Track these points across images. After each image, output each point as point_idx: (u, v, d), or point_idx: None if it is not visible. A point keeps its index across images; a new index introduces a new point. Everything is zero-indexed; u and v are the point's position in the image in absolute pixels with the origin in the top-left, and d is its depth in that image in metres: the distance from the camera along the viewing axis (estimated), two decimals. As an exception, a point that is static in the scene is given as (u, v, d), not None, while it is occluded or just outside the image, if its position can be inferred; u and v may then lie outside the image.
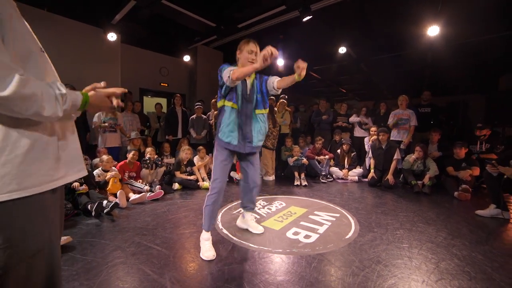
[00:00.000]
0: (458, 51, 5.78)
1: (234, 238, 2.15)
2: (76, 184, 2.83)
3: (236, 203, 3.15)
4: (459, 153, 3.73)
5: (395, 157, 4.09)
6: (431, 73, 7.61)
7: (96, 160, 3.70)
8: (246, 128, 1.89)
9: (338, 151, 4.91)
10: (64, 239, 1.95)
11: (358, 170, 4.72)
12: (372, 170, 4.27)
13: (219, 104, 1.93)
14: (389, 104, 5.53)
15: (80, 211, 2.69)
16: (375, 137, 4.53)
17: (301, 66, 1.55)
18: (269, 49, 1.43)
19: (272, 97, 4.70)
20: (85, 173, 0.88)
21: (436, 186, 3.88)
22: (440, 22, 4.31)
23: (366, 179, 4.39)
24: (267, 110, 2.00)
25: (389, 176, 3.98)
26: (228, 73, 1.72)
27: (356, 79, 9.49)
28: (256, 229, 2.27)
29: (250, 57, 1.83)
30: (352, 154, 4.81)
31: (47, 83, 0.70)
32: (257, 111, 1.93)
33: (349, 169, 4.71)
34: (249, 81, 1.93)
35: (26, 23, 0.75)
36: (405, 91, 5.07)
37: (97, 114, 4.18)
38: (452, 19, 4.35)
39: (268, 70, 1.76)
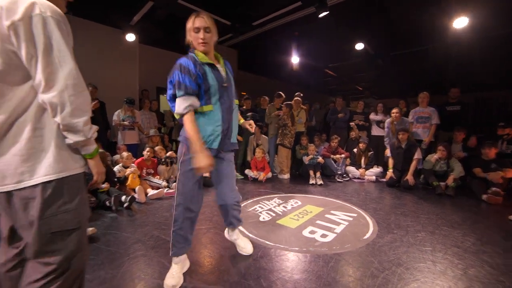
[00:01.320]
0: (488, 44, 5.43)
1: (250, 235, 2.16)
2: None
3: (251, 200, 3.16)
4: (489, 153, 3.50)
5: (415, 156, 3.93)
6: (457, 68, 7.21)
7: (117, 157, 3.84)
8: (227, 123, 1.52)
9: (355, 150, 4.79)
10: (90, 230, 2.04)
11: (376, 169, 4.58)
12: (390, 170, 4.13)
13: (178, 115, 1.43)
14: (409, 101, 5.32)
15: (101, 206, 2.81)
16: (395, 114, 4.45)
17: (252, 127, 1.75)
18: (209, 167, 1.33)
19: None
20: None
21: (461, 188, 3.68)
22: (469, 12, 4.04)
23: (384, 179, 4.25)
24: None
25: (409, 176, 3.82)
26: (181, 109, 1.35)
27: (373, 76, 9.21)
28: (245, 248, 1.84)
29: (198, 37, 1.40)
30: (369, 153, 4.67)
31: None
32: (236, 101, 1.64)
33: (366, 169, 4.58)
34: (220, 67, 1.54)
35: None
36: (427, 87, 4.84)
37: (116, 112, 4.33)
38: (482, 10, 4.08)
39: (284, 67, 1.71)
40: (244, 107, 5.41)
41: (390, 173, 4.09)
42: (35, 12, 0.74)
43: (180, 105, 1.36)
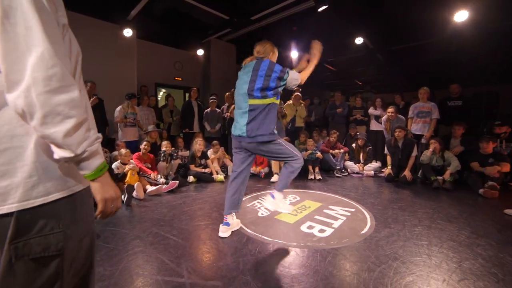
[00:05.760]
0: (489, 38, 5.37)
1: (249, 231, 2.18)
2: None
3: (250, 196, 3.17)
4: (486, 147, 3.51)
5: (413, 154, 3.94)
6: (457, 62, 7.17)
7: (115, 153, 3.83)
8: None
9: (353, 145, 4.80)
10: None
11: (374, 164, 4.60)
12: (389, 167, 4.14)
13: (268, 101, 1.93)
14: (409, 96, 5.31)
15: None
16: (391, 114, 4.59)
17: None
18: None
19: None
20: None
21: (459, 182, 3.70)
22: (469, 6, 4.01)
23: (383, 174, 4.26)
24: None
25: (406, 172, 3.84)
26: (297, 79, 1.96)
27: (372, 71, 9.16)
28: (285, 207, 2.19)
29: None
30: (368, 148, 4.68)
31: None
32: None
33: (365, 164, 4.60)
34: None
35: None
36: (426, 82, 4.83)
37: (118, 109, 4.31)
38: (483, 3, 4.04)
39: (283, 62, 1.75)
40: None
41: (388, 169, 4.10)
42: None
43: (295, 77, 1.98)
